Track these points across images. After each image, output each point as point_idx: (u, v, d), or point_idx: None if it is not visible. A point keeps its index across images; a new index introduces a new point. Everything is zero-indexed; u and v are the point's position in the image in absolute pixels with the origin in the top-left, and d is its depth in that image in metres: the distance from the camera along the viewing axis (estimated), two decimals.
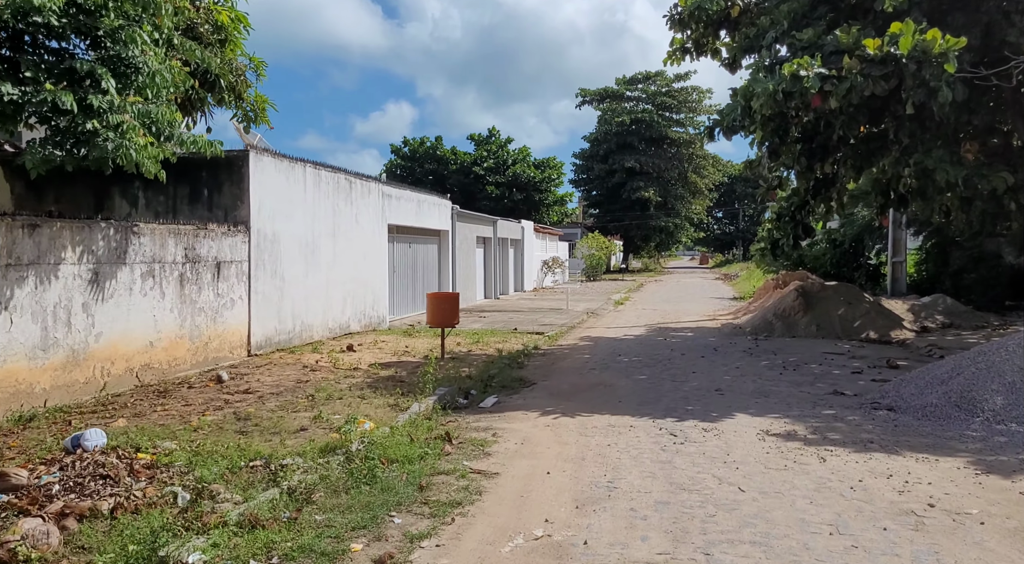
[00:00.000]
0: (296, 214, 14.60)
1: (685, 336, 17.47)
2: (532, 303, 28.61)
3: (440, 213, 23.93)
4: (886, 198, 17.09)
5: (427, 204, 22.57)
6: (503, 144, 52.75)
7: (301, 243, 14.77)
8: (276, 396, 9.51)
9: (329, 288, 15.99)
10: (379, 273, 18.68)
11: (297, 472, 5.96)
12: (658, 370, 12.44)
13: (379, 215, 18.69)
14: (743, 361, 13.37)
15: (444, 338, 13.32)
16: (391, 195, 19.54)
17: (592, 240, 51.68)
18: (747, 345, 15.68)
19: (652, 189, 63.68)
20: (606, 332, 18.64)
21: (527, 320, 21.41)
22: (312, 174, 15.30)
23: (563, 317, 22.19)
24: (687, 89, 67.13)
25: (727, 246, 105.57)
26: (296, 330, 14.53)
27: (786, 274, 23.77)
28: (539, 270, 41.17)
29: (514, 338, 16.75)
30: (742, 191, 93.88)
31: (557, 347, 15.73)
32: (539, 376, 11.89)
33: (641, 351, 14.85)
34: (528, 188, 50.66)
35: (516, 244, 36.36)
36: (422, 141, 52.94)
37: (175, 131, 7.39)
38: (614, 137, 65.82)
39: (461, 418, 8.84)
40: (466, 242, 26.83)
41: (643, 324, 20.61)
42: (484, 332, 17.76)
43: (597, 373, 12.18)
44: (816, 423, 8.44)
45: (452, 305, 12.99)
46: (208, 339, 11.70)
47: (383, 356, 13.45)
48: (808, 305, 17.68)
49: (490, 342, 15.82)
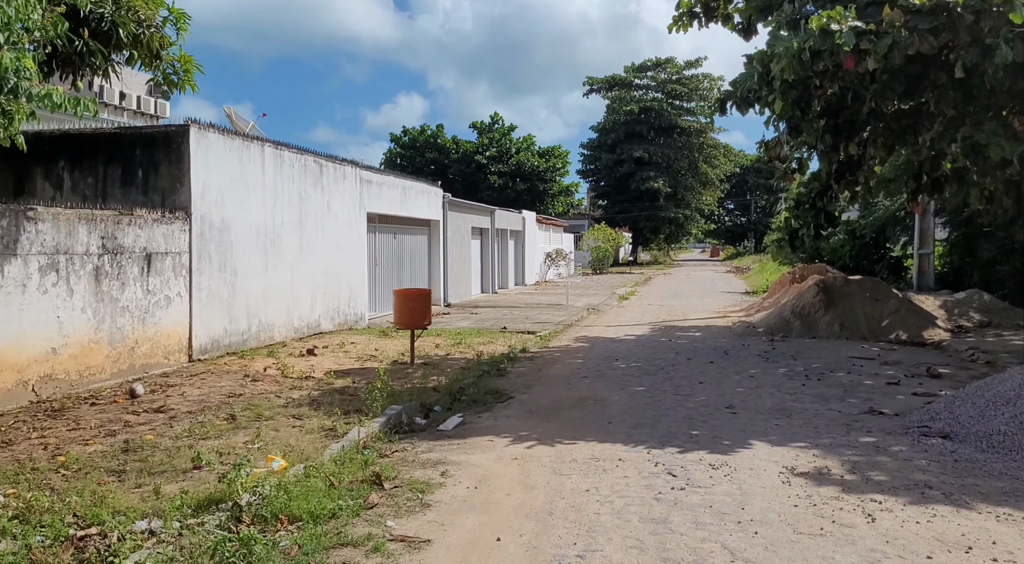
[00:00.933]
0: (252, 200, 12.93)
1: (693, 336, 15.72)
2: (531, 298, 26.91)
3: (430, 201, 22.23)
4: (918, 183, 15.29)
5: (414, 191, 20.87)
6: (506, 132, 50.97)
7: (259, 232, 13.11)
8: (192, 416, 7.85)
9: (295, 283, 14.33)
10: (356, 266, 17.01)
11: (141, 550, 4.28)
12: (660, 379, 10.71)
13: (356, 202, 17.00)
14: (758, 368, 11.62)
15: (413, 341, 11.62)
16: (371, 181, 17.85)
17: (599, 232, 49.90)
18: (762, 347, 13.92)
19: (662, 179, 61.76)
20: (605, 331, 16.91)
21: (521, 317, 19.71)
22: (273, 155, 13.62)
23: (561, 314, 20.48)
24: (698, 76, 65.09)
25: (738, 238, 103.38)
26: (252, 331, 12.89)
27: (803, 268, 21.97)
28: (542, 263, 39.44)
29: (502, 339, 15.05)
30: (754, 182, 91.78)
31: (548, 350, 14.02)
32: (520, 387, 10.19)
33: (642, 355, 13.12)
34: (532, 178, 48.87)
35: (517, 236, 34.63)
36: (422, 130, 51.22)
37: (23, 83, 5.76)
38: (622, 126, 63.87)
39: (411, 446, 7.16)
40: (459, 233, 25.12)
41: (647, 322, 18.87)
42: (470, 332, 16.07)
43: (588, 383, 10.46)
44: (854, 456, 6.70)
45: (422, 304, 11.30)
46: (134, 343, 10.05)
47: (345, 361, 11.78)
48: (830, 302, 15.89)
49: (473, 343, 14.13)
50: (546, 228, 42.32)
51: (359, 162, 17.35)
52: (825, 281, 16.45)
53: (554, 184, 50.41)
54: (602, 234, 49.58)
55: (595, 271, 47.64)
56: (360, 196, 17.19)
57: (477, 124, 52.23)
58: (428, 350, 13.23)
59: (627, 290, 30.77)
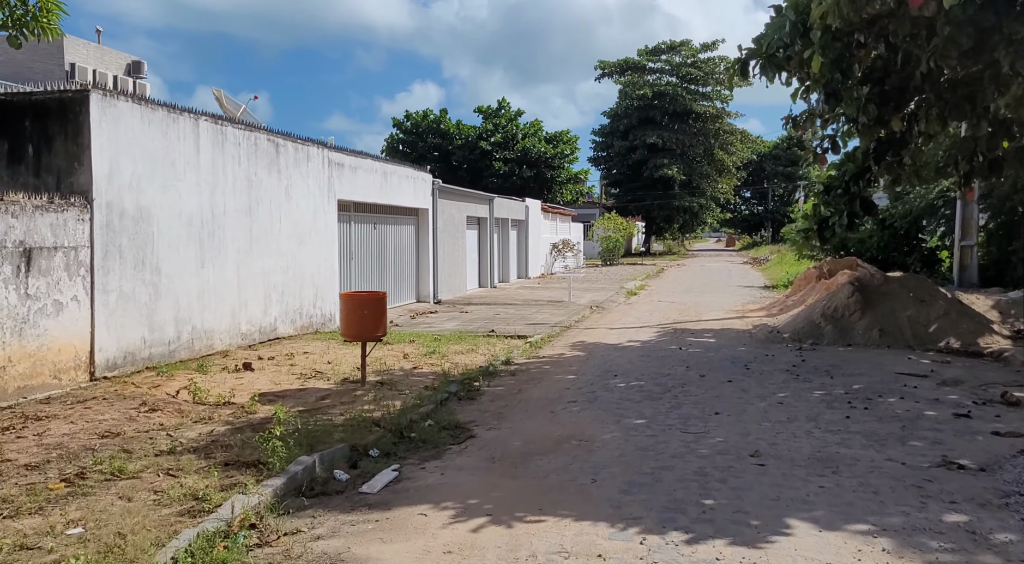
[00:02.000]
0: (184, 184, 10.90)
1: (707, 343, 13.58)
2: (532, 293, 24.81)
3: (416, 188, 20.14)
4: (971, 164, 13.07)
5: (397, 177, 18.78)
6: (513, 117, 48.71)
7: (192, 223, 11.09)
8: (26, 473, 5.83)
9: (243, 282, 12.31)
10: (324, 261, 14.97)
11: None
12: (665, 406, 8.59)
13: (324, 188, 14.95)
14: (787, 389, 9.48)
15: (364, 357, 9.54)
16: (343, 164, 15.77)
17: (609, 221, 47.65)
18: (789, 359, 11.76)
19: (676, 167, 59.34)
20: (607, 336, 14.79)
21: (515, 317, 17.63)
22: (212, 131, 11.58)
23: (560, 313, 18.37)
24: (714, 60, 62.53)
25: (755, 228, 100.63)
26: (183, 339, 10.88)
27: (831, 261, 19.73)
28: (547, 255, 37.30)
29: (485, 346, 13.00)
30: (772, 169, 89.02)
31: (536, 360, 11.93)
32: (489, 417, 8.13)
33: (646, 369, 10.99)
34: (539, 164, 46.64)
35: (519, 225, 32.50)
36: (425, 114, 49.04)
37: None
38: (635, 112, 61.42)
39: (312, 524, 5.11)
40: (452, 223, 23.04)
41: (655, 323, 16.74)
42: (451, 336, 14.02)
43: (575, 412, 8.36)
44: (944, 554, 4.59)
45: (374, 310, 9.22)
46: (5, 362, 8.06)
47: (284, 379, 9.75)
48: (867, 303, 13.69)
49: (450, 353, 12.08)
50: (552, 217, 40.16)
51: (327, 142, 15.28)
52: (861, 278, 14.24)
53: (562, 171, 48.15)
54: (613, 223, 47.34)
55: (605, 263, 45.44)
56: (329, 181, 15.13)
57: (482, 109, 50.00)
58: (392, 363, 11.19)
59: (636, 284, 28.60)
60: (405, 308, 19.23)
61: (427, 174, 20.95)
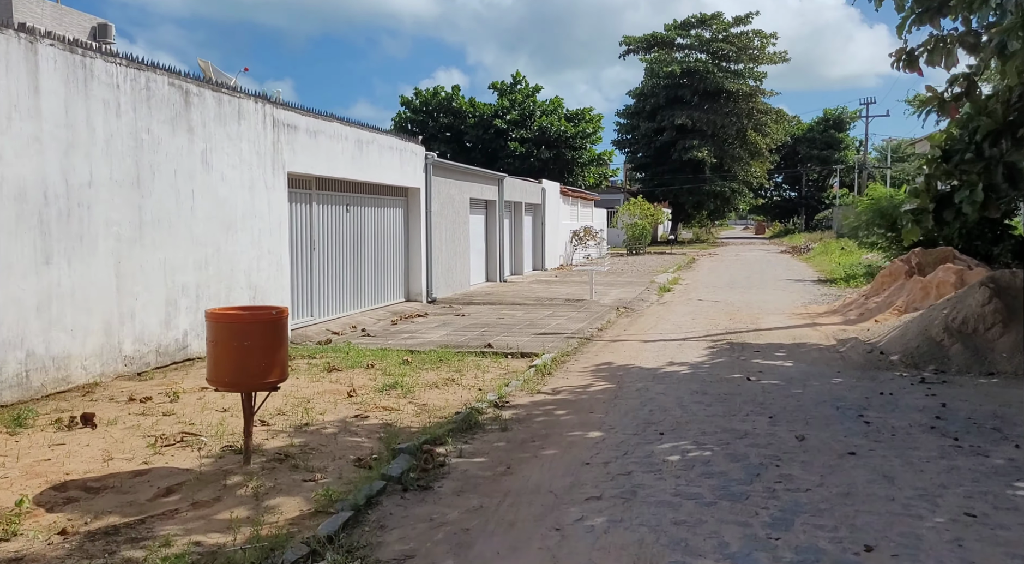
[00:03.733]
0: (3, 138, 7.27)
1: (783, 370, 9.73)
2: (547, 289, 21.06)
3: (405, 162, 16.43)
4: None
5: (377, 147, 15.07)
6: (530, 93, 44.73)
7: (26, 197, 7.45)
8: None
9: (126, 283, 8.68)
10: (268, 253, 11.33)
11: None
12: (761, 521, 4.76)
13: (267, 156, 11.29)
14: (960, 474, 5.60)
15: (250, 417, 5.77)
16: (296, 126, 12.08)
17: (635, 207, 43.67)
18: (918, 399, 7.89)
19: (706, 149, 55.10)
20: (641, 353, 10.99)
21: (522, 322, 13.89)
22: (65, 63, 7.93)
23: (579, 316, 14.60)
24: (748, 34, 58.14)
25: (787, 214, 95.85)
26: (8, 372, 7.26)
27: (921, 252, 15.75)
28: (567, 243, 33.50)
29: (473, 371, 9.31)
30: (806, 153, 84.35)
31: (542, 399, 8.17)
32: (442, 544, 4.42)
33: (707, 421, 7.17)
34: (559, 144, 42.66)
35: (535, 210, 28.71)
36: (435, 92, 45.20)
37: None
38: (663, 90, 57.19)
39: None
40: (452, 206, 19.31)
41: (702, 332, 12.92)
42: (429, 355, 10.32)
43: (600, 533, 4.61)
44: None
45: (262, 341, 5.46)
46: None
47: (131, 446, 6.08)
48: (1010, 313, 9.76)
49: (418, 385, 8.40)
50: (573, 202, 36.31)
51: (271, 96, 11.57)
52: (997, 280, 10.28)
53: (584, 152, 44.14)
54: (639, 209, 43.34)
55: (630, 252, 41.53)
56: (274, 147, 11.45)
57: (497, 84, 46.04)
58: (327, 405, 7.51)
59: (669, 277, 24.70)
60: (388, 310, 15.57)
61: (418, 146, 17.21)
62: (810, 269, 30.13)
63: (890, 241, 24.95)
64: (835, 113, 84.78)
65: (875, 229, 25.16)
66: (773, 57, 58.62)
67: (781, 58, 59.02)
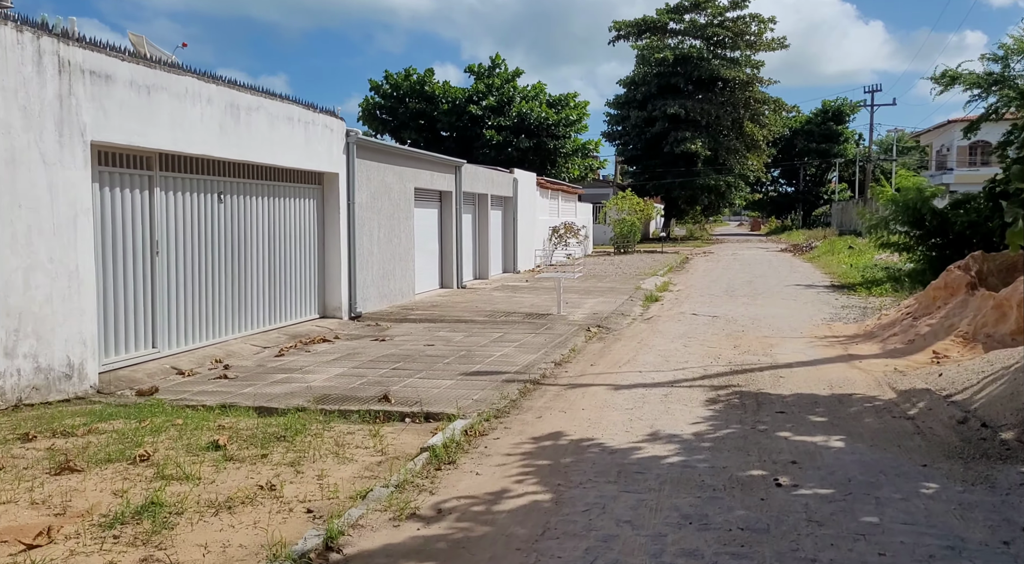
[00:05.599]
0: None
1: (828, 457, 6.03)
2: (511, 298, 17.37)
3: (314, 140, 12.70)
4: None
5: (263, 117, 11.31)
6: (509, 77, 40.93)
7: None
8: None
9: None
10: (50, 262, 7.56)
11: None
12: None
13: (46, 116, 7.53)
14: None
15: None
16: (110, 76, 8.28)
17: (624, 201, 40.00)
18: None
19: (700, 140, 51.43)
20: (606, 413, 7.26)
21: (455, 351, 10.16)
22: None
23: (535, 341, 10.89)
24: (744, 19, 54.51)
25: (784, 210, 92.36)
26: None
27: (980, 256, 12.13)
28: (545, 241, 29.80)
29: (327, 458, 5.62)
30: (803, 146, 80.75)
31: (405, 541, 4.45)
32: None
33: None
34: (539, 133, 38.86)
35: (505, 204, 25.00)
36: (407, 74, 41.31)
37: None
38: (654, 78, 53.55)
39: None
40: (388, 197, 15.57)
41: (696, 370, 9.24)
42: (274, 420, 6.58)
43: None
44: None
45: None
46: None
47: None
48: None
49: (199, 503, 4.69)
50: (553, 195, 32.63)
51: (60, 29, 7.78)
52: None
53: (568, 141, 40.36)
54: (628, 204, 39.67)
55: (618, 250, 37.84)
56: (61, 103, 7.68)
57: (473, 67, 42.23)
58: None
59: (658, 282, 21.03)
60: (286, 333, 11.84)
61: (334, 120, 13.44)
62: (817, 271, 26.53)
63: (916, 240, 21.39)
64: (834, 105, 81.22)
65: (897, 226, 21.57)
66: (771, 43, 55.03)
67: (780, 44, 55.42)
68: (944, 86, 20.19)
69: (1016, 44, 19.28)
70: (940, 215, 20.08)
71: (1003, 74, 19.25)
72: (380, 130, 41.95)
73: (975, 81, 19.35)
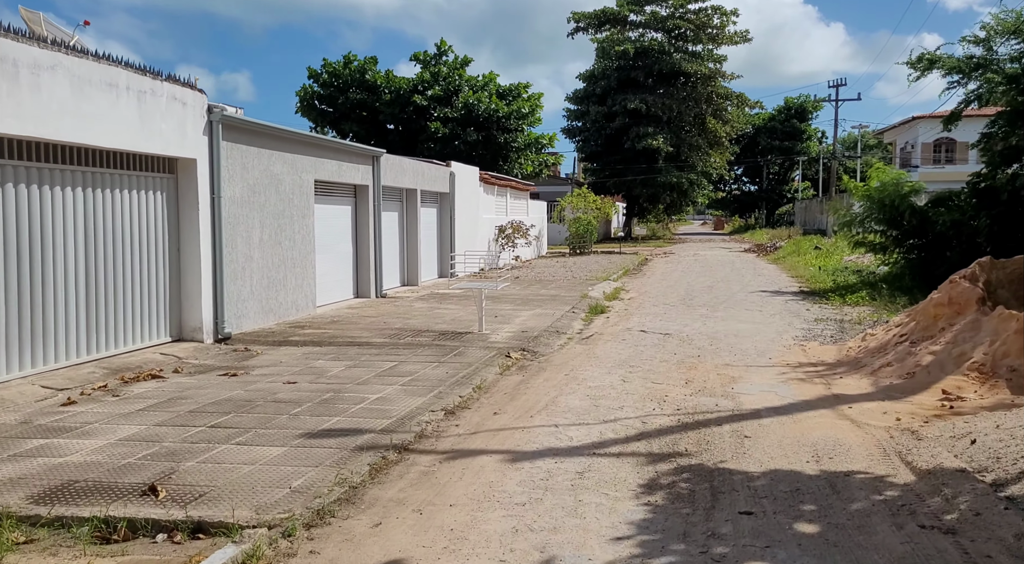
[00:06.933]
0: None
1: None
2: (434, 310, 14.71)
3: (157, 117, 9.90)
4: None
5: (68, 81, 8.49)
6: (457, 65, 38.25)
7: None
8: None
9: None
10: None
11: None
12: None
13: None
14: None
15: None
16: None
17: (580, 199, 37.57)
18: None
19: (661, 136, 49.26)
20: (485, 515, 4.65)
21: (317, 395, 7.42)
22: None
23: (434, 375, 8.23)
24: (706, 11, 52.49)
25: (747, 209, 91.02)
26: None
27: (988, 263, 9.79)
28: (491, 242, 27.21)
29: None
30: (767, 144, 79.23)
31: None
32: None
33: None
34: (489, 125, 36.23)
35: (440, 200, 22.32)
36: (347, 61, 38.36)
37: None
38: (615, 72, 51.33)
39: None
40: (275, 190, 12.81)
41: (633, 428, 6.68)
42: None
43: None
44: None
45: None
46: None
47: None
48: None
49: None
50: (500, 191, 30.01)
51: None
52: None
53: (520, 135, 37.78)
54: (584, 202, 37.24)
55: (574, 251, 35.39)
56: None
57: (419, 55, 39.42)
58: None
59: (608, 289, 18.54)
60: (107, 365, 9.05)
61: (192, 92, 10.64)
62: (784, 274, 24.32)
63: (892, 241, 19.30)
64: (797, 102, 79.91)
65: (873, 224, 19.43)
66: (733, 36, 53.08)
67: (742, 38, 53.45)
68: (921, 71, 17.98)
69: (999, 24, 17.13)
70: (920, 214, 17.94)
71: (986, 57, 17.12)
72: (319, 122, 38.99)
73: (955, 65, 17.16)
